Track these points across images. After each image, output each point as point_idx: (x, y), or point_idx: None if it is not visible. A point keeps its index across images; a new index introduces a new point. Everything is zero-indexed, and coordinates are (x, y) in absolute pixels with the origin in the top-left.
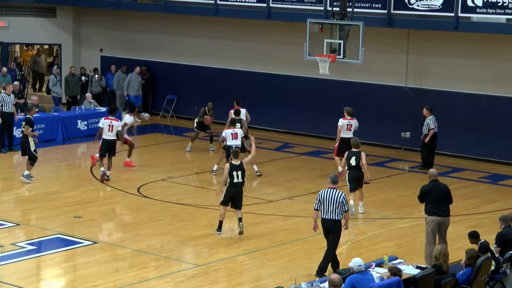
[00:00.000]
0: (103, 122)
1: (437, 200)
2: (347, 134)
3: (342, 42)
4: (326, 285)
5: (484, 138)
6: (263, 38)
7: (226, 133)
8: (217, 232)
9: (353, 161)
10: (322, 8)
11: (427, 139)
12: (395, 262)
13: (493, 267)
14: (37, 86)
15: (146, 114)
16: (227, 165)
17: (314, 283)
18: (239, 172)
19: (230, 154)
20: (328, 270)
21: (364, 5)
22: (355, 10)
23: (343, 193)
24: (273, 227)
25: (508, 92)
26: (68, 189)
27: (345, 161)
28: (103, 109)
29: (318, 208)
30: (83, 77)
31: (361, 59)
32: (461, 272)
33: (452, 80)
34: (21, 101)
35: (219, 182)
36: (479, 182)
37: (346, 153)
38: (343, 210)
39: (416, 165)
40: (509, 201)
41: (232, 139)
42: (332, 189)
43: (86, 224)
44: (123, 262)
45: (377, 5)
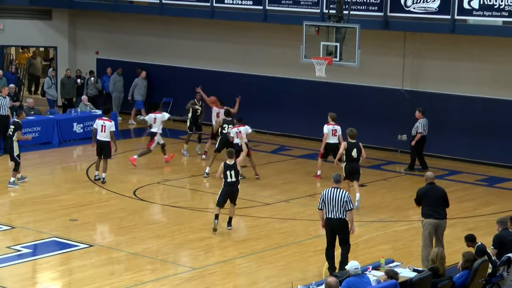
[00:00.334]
0: (97, 122)
1: (433, 203)
2: (332, 140)
3: (338, 44)
4: None
5: (481, 141)
6: (259, 40)
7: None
8: (215, 221)
9: (354, 153)
10: (319, 11)
11: (413, 142)
12: (391, 265)
13: (490, 270)
14: (33, 88)
15: (141, 117)
16: (221, 164)
17: (311, 286)
18: (232, 172)
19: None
20: (324, 273)
21: (361, 7)
22: (351, 12)
23: (347, 192)
24: (269, 230)
25: (504, 94)
26: (64, 192)
27: (345, 152)
28: (99, 111)
29: (322, 208)
30: (78, 80)
31: (358, 62)
32: (457, 275)
33: (448, 83)
34: (17, 103)
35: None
36: (476, 185)
37: (345, 144)
38: (347, 209)
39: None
40: (506, 203)
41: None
42: (336, 189)
43: (81, 227)
44: (119, 265)
45: (373, 8)
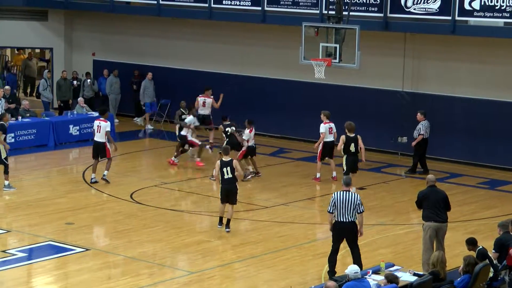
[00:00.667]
0: (94, 123)
1: (434, 206)
2: (329, 138)
3: (338, 46)
4: None
5: (482, 143)
6: (257, 42)
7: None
8: (219, 226)
9: (352, 147)
10: (318, 12)
11: (413, 143)
12: (392, 269)
13: (491, 274)
14: (28, 90)
15: (138, 119)
16: (218, 162)
17: None
18: (229, 168)
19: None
20: (323, 277)
21: (360, 8)
22: (351, 13)
23: (358, 195)
24: (268, 234)
25: (506, 96)
26: (60, 195)
27: (344, 146)
28: (96, 114)
29: (332, 211)
30: (75, 82)
31: (357, 63)
32: (458, 279)
33: (449, 84)
34: (12, 105)
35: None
36: (477, 188)
37: (344, 138)
38: (359, 211)
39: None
40: (507, 207)
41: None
42: (347, 192)
43: (78, 230)
44: (116, 270)
45: (373, 9)
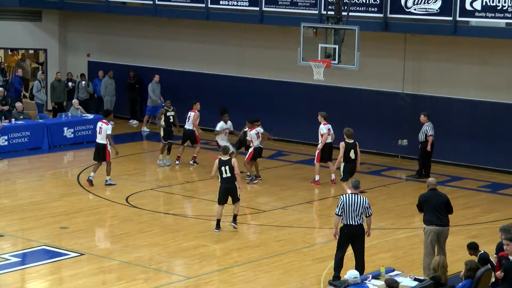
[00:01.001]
0: (97, 124)
1: (435, 209)
2: (328, 140)
3: (337, 46)
4: None
5: (484, 146)
6: (255, 42)
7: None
8: (216, 230)
9: (352, 154)
10: (317, 12)
11: (428, 147)
12: (392, 274)
13: (493, 279)
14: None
15: (134, 121)
16: (216, 161)
17: None
18: (227, 167)
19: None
20: (322, 282)
21: (360, 8)
22: (350, 14)
23: (366, 199)
24: (266, 238)
25: (507, 98)
26: (54, 199)
27: (344, 153)
28: (90, 116)
29: (341, 214)
30: (69, 83)
31: (357, 64)
32: (460, 284)
33: (450, 86)
34: (5, 108)
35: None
36: (479, 191)
37: (344, 145)
38: (367, 214)
39: (413, 173)
40: (510, 210)
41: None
42: (356, 195)
43: (72, 235)
44: (111, 275)
45: (373, 9)
